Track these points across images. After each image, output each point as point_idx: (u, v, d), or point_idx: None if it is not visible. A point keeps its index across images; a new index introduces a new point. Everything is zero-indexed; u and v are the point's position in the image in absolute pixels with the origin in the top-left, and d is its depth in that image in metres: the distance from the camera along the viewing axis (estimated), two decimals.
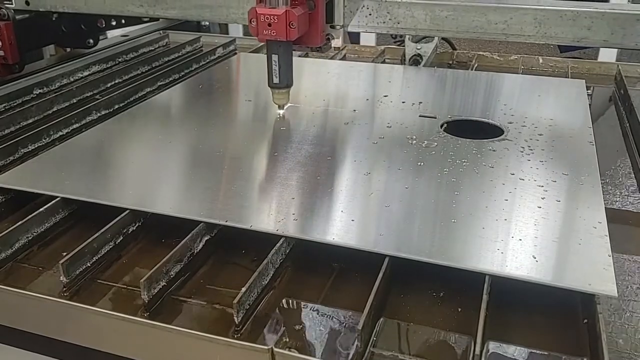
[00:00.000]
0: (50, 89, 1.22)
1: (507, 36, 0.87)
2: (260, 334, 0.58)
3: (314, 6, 0.87)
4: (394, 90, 1.17)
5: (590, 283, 0.59)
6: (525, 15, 0.85)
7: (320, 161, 0.87)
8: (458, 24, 0.88)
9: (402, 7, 0.89)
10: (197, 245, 0.70)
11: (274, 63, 0.89)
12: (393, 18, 0.90)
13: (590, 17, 0.83)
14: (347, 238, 0.68)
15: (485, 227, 0.69)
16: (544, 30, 0.85)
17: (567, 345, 0.57)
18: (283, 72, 0.90)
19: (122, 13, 1.09)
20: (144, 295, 0.61)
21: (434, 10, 0.89)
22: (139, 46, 1.50)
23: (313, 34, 0.89)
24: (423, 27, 0.91)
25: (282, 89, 0.93)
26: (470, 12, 0.88)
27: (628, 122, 1.07)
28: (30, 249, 0.72)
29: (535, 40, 0.87)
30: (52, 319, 0.64)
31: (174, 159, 0.90)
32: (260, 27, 0.84)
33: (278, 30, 0.83)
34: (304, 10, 0.86)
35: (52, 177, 0.83)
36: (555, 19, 0.84)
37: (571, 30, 0.84)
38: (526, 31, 0.86)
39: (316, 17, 0.88)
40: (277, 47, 0.87)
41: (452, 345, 0.57)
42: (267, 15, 0.83)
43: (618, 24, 0.82)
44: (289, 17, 0.82)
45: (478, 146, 0.91)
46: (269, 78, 0.91)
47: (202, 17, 1.05)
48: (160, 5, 1.05)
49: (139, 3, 1.06)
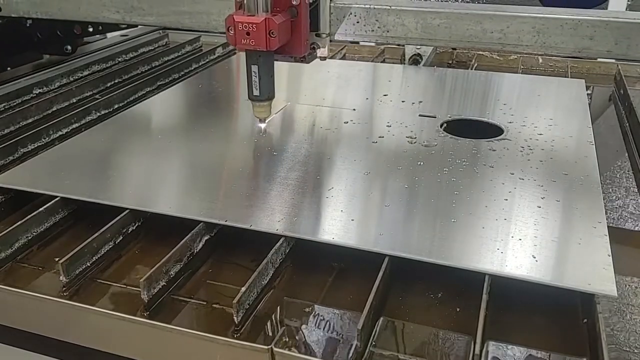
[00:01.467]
0: (50, 88, 1.22)
1: (504, 46, 0.81)
2: (260, 334, 0.58)
3: (297, 13, 0.81)
4: (394, 90, 1.17)
5: (589, 283, 0.59)
6: (524, 23, 0.80)
7: (320, 160, 0.87)
8: (451, 32, 0.83)
9: (392, 15, 0.84)
10: (196, 245, 0.70)
11: (254, 74, 0.83)
12: (382, 26, 0.84)
13: (593, 26, 0.77)
14: (346, 238, 0.68)
15: (485, 226, 0.69)
16: (543, 39, 0.79)
17: (567, 345, 0.57)
18: (264, 84, 0.84)
19: (97, 19, 1.04)
20: (144, 295, 0.61)
21: (426, 18, 0.83)
22: (138, 46, 1.50)
23: (296, 43, 0.82)
24: (414, 36, 0.85)
25: (263, 102, 0.86)
26: (464, 20, 0.82)
27: (628, 121, 1.07)
28: (30, 249, 0.72)
29: (533, 51, 0.81)
30: (51, 319, 0.64)
31: (173, 158, 0.90)
32: (238, 36, 0.78)
33: (257, 40, 0.77)
34: (286, 18, 0.79)
35: (51, 177, 0.83)
36: (555, 28, 0.79)
37: (572, 40, 0.78)
38: (524, 41, 0.80)
39: (299, 25, 0.81)
40: (256, 57, 0.82)
41: (451, 345, 0.57)
42: (245, 23, 0.77)
43: (623, 34, 0.76)
44: (268, 26, 0.77)
45: (478, 146, 0.91)
46: (249, 90, 0.85)
47: (181, 24, 0.99)
48: (137, 11, 1.00)
49: (114, 9, 1.01)
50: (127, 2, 0.99)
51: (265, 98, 0.86)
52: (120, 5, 1.00)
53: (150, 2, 0.98)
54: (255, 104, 0.88)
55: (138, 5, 0.99)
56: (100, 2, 1.01)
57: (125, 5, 1.00)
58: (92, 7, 1.02)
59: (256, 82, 0.83)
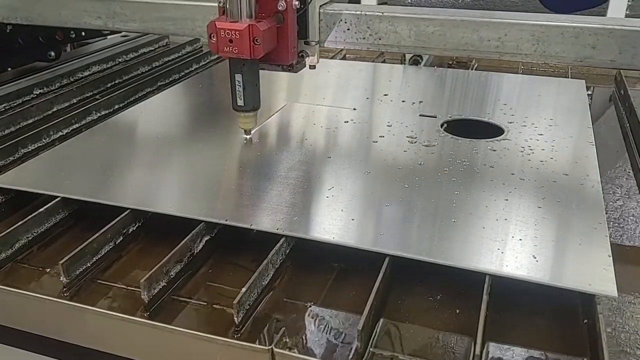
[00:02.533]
0: (51, 89, 1.22)
1: (502, 54, 0.77)
2: (260, 334, 0.58)
3: (283, 19, 0.77)
4: (394, 90, 1.17)
5: (590, 283, 0.59)
6: (522, 31, 0.76)
7: (320, 160, 0.87)
8: (446, 40, 0.79)
9: (384, 22, 0.80)
10: (197, 246, 0.70)
11: (238, 83, 0.80)
12: (374, 33, 0.80)
13: (596, 35, 0.73)
14: (347, 237, 0.68)
15: (485, 226, 0.69)
16: (543, 48, 0.76)
17: (567, 345, 0.57)
18: (249, 94, 0.80)
19: (78, 25, 1.01)
20: (144, 296, 0.61)
21: (419, 25, 0.79)
22: (139, 46, 1.50)
23: (282, 51, 0.78)
24: (407, 44, 0.81)
25: (248, 112, 0.84)
26: (459, 28, 0.78)
27: (628, 122, 1.07)
28: (30, 250, 0.72)
29: (532, 60, 0.78)
30: (52, 320, 0.64)
31: (173, 158, 0.90)
32: (221, 43, 0.74)
33: (240, 47, 0.73)
34: (271, 25, 0.75)
35: (52, 177, 0.83)
36: (555, 35, 0.75)
37: (573, 49, 0.75)
38: (523, 49, 0.76)
39: (286, 32, 0.77)
40: (240, 65, 0.78)
41: (452, 345, 0.57)
42: (227, 30, 0.73)
43: (627, 42, 0.72)
44: (252, 32, 0.73)
45: (478, 146, 0.90)
46: (233, 100, 0.81)
47: (165, 31, 0.96)
48: (119, 17, 0.96)
49: (96, 15, 0.97)
50: (109, 7, 0.96)
51: (250, 108, 0.83)
52: (102, 11, 0.97)
53: (132, 7, 0.95)
54: (239, 115, 0.84)
55: (120, 11, 0.96)
56: (81, 7, 0.98)
57: (107, 10, 0.97)
58: (73, 13, 0.99)
59: (240, 92, 0.80)
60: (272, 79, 1.31)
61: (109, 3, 0.96)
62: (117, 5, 0.96)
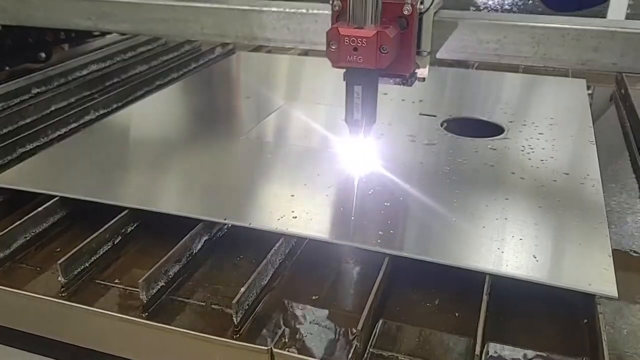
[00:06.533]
0: (48, 88, 1.21)
1: (501, 57, 0.75)
2: (259, 334, 0.58)
3: (407, 25, 0.68)
4: (394, 88, 1.17)
5: (590, 283, 0.59)
6: (522, 33, 0.74)
7: (320, 158, 0.86)
8: None
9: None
10: (196, 246, 0.69)
11: (357, 95, 0.70)
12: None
13: (598, 37, 0.72)
14: (346, 236, 0.67)
15: (485, 226, 0.69)
16: (543, 50, 0.74)
17: (567, 346, 0.57)
18: (367, 107, 0.72)
19: (67, 26, 0.99)
20: (143, 296, 0.61)
21: None
22: (137, 45, 1.49)
23: (404, 60, 0.70)
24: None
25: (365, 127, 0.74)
26: (457, 29, 0.77)
27: (629, 121, 1.06)
28: (28, 249, 0.72)
29: (533, 62, 0.76)
30: (50, 320, 0.64)
31: (172, 158, 0.90)
32: (343, 52, 0.65)
33: (366, 57, 0.64)
34: (397, 31, 0.67)
35: (50, 177, 0.83)
36: (556, 38, 0.73)
37: (575, 52, 0.73)
38: (523, 52, 0.75)
39: (409, 39, 0.69)
40: (360, 76, 0.69)
41: (452, 346, 0.57)
42: (353, 37, 0.64)
43: (630, 45, 0.71)
44: (380, 40, 0.64)
45: (478, 145, 0.90)
46: (347, 113, 0.72)
47: (156, 32, 0.94)
48: (110, 18, 0.94)
49: (86, 16, 0.95)
50: (99, 8, 0.94)
51: (369, 123, 0.74)
52: (91, 12, 0.95)
53: (123, 8, 0.93)
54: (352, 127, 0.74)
55: (110, 12, 0.94)
56: (71, 8, 0.96)
57: (97, 11, 0.94)
58: (62, 14, 0.97)
59: (358, 105, 0.71)
60: (271, 78, 1.31)
61: (99, 4, 0.94)
62: (107, 6, 0.94)
